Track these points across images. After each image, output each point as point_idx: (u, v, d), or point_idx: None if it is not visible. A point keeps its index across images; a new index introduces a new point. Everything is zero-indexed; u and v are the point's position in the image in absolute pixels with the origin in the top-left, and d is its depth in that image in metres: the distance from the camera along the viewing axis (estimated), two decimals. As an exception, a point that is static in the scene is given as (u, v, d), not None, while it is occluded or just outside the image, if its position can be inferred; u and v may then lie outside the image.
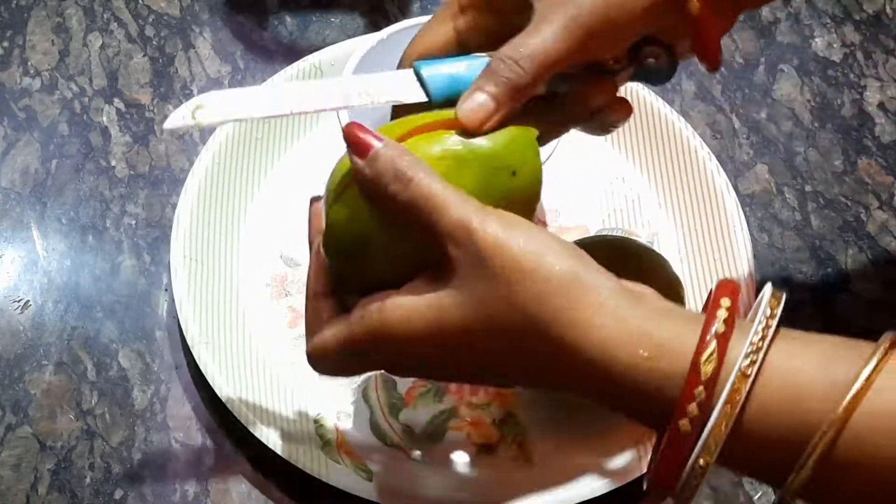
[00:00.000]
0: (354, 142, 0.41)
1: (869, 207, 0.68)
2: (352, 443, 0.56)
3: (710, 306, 0.38)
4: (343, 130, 0.41)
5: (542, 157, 0.59)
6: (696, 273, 0.63)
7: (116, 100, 0.70)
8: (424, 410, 0.58)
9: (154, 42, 0.73)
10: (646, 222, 0.65)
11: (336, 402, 0.58)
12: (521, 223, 0.40)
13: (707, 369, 0.36)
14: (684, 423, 0.36)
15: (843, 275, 0.65)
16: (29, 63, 0.71)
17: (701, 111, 0.71)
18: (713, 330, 0.36)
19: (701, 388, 0.36)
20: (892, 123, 0.71)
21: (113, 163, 0.67)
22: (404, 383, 0.59)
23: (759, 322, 0.37)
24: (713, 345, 0.36)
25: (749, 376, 0.36)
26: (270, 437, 0.55)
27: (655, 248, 0.64)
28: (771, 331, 0.36)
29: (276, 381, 0.58)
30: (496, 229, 0.39)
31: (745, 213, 0.64)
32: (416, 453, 0.57)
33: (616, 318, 0.38)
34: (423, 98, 0.46)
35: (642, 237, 0.64)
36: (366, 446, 0.56)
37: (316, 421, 0.57)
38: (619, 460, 0.55)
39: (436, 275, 0.40)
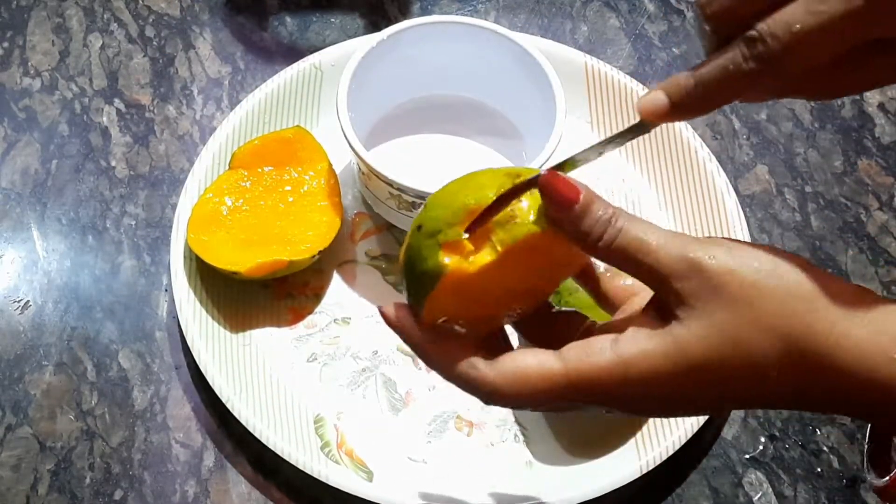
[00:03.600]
0: (557, 195, 0.38)
1: (869, 208, 0.68)
2: (352, 443, 0.56)
3: None
4: (541, 183, 0.39)
5: (542, 159, 0.59)
6: (696, 273, 0.63)
7: (116, 100, 0.70)
8: (424, 411, 0.58)
9: (154, 42, 0.73)
10: (646, 223, 0.65)
11: (336, 402, 0.58)
12: (742, 245, 0.39)
13: None
14: None
15: (843, 275, 0.65)
16: (29, 63, 0.71)
17: (701, 112, 0.71)
18: None
19: None
20: (892, 124, 0.71)
21: (113, 163, 0.67)
22: (404, 383, 0.59)
23: None
24: None
25: None
26: (270, 438, 0.55)
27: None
28: None
29: (276, 381, 0.58)
30: (723, 255, 0.38)
31: (745, 213, 0.64)
32: (416, 453, 0.57)
33: (865, 322, 0.37)
34: None
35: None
36: (366, 446, 0.56)
37: (316, 421, 0.57)
38: (619, 460, 0.55)
39: (660, 313, 0.39)
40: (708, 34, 0.40)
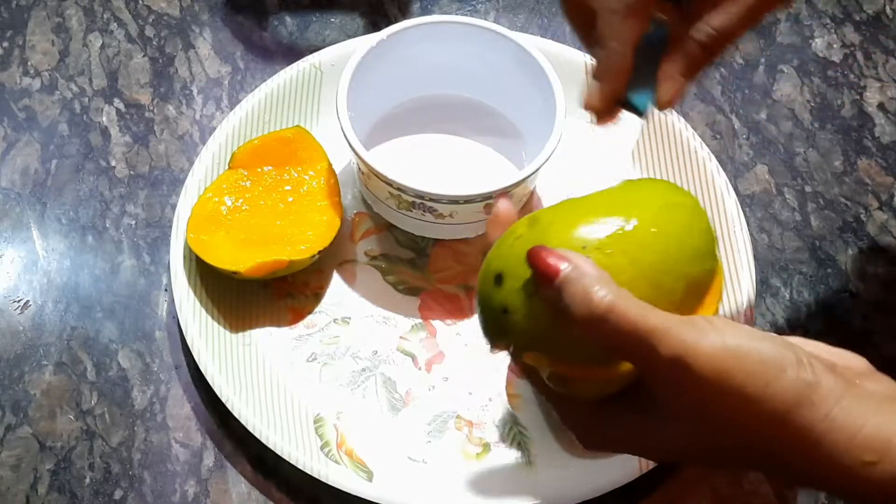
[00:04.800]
0: (542, 269, 0.38)
1: (869, 208, 0.68)
2: (351, 443, 0.56)
3: None
4: (529, 256, 0.39)
5: (541, 159, 0.59)
6: (695, 273, 0.63)
7: (116, 100, 0.70)
8: (424, 410, 0.58)
9: (154, 42, 0.73)
10: (646, 223, 0.65)
11: (336, 401, 0.58)
12: (734, 337, 0.37)
13: None
14: None
15: (843, 275, 0.65)
16: (29, 63, 0.71)
17: (701, 111, 0.71)
18: None
19: None
20: (892, 124, 0.71)
21: (113, 163, 0.67)
22: (404, 383, 0.59)
23: None
24: None
25: None
26: (270, 437, 0.55)
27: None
28: None
29: (276, 380, 0.58)
30: (710, 358, 0.37)
31: (745, 213, 0.64)
32: (416, 453, 0.57)
33: (838, 426, 0.37)
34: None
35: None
36: (366, 446, 0.56)
37: (316, 421, 0.57)
38: (620, 460, 0.55)
39: (642, 401, 0.40)
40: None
